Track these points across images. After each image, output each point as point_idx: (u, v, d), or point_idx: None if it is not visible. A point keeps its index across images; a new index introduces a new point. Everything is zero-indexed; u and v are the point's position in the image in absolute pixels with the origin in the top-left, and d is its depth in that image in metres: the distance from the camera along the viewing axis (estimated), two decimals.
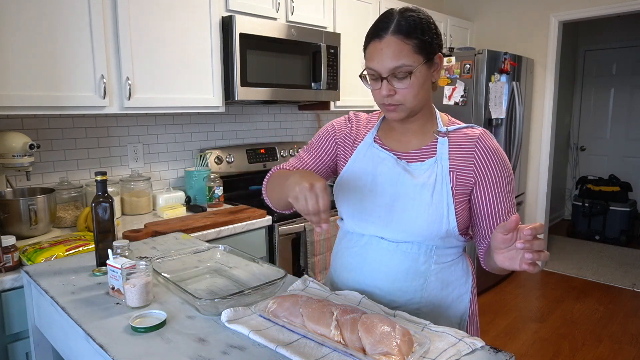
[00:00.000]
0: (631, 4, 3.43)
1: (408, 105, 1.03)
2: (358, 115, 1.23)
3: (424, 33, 0.99)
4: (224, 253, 1.33)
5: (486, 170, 1.06)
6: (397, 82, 1.00)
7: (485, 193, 1.06)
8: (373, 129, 1.16)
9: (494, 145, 1.08)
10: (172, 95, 2.05)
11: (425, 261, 1.09)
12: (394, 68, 0.98)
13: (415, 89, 1.01)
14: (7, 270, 1.41)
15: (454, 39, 3.87)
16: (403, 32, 0.98)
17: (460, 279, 1.14)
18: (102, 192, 1.24)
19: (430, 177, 1.05)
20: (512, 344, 2.82)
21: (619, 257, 4.39)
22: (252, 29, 2.23)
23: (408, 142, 1.11)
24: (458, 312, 1.14)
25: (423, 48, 0.99)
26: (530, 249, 0.80)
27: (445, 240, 1.08)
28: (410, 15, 0.99)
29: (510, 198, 1.08)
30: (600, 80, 5.41)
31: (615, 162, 5.38)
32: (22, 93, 1.63)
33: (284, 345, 0.83)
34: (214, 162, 2.54)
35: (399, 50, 0.97)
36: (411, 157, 1.10)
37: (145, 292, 1.02)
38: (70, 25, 1.72)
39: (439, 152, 1.07)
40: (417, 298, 1.10)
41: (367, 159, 1.13)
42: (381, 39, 0.99)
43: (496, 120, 3.40)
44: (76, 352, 1.02)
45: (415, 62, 0.98)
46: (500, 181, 1.06)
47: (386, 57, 0.98)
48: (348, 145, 1.18)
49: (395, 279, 1.09)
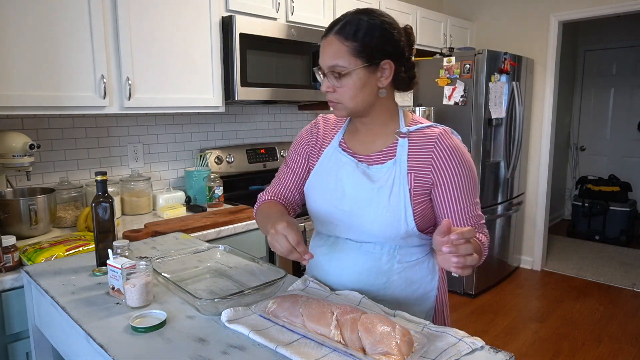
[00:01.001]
0: (631, 4, 3.43)
1: (346, 105, 1.05)
2: (326, 118, 1.25)
3: (369, 37, 1.00)
4: (224, 253, 1.33)
5: (445, 170, 1.05)
6: (334, 80, 1.03)
7: (445, 193, 1.06)
8: (339, 132, 1.19)
9: (454, 144, 1.07)
10: (172, 95, 2.05)
11: (388, 260, 1.11)
12: (330, 66, 1.02)
13: (352, 91, 1.03)
14: (7, 270, 1.41)
15: (454, 39, 3.87)
16: (344, 33, 1.00)
17: (425, 278, 1.15)
18: (102, 192, 1.24)
19: (388, 179, 1.06)
20: (512, 344, 2.82)
21: (619, 257, 4.39)
22: (252, 29, 2.23)
23: (372, 144, 1.13)
24: (423, 309, 1.16)
25: (363, 52, 1.00)
26: (456, 253, 0.81)
27: (408, 240, 1.10)
28: (361, 19, 1.01)
29: (472, 197, 1.08)
30: (600, 80, 5.41)
31: (615, 162, 5.38)
32: (22, 93, 1.63)
33: (284, 345, 0.83)
34: (214, 162, 2.54)
35: (336, 50, 1.01)
36: (372, 159, 1.11)
37: (145, 292, 1.02)
38: (71, 26, 1.72)
39: (398, 154, 1.08)
40: (381, 296, 1.12)
41: (332, 163, 1.15)
42: (326, 37, 1.04)
43: (496, 120, 3.40)
44: (76, 352, 1.02)
45: (352, 64, 1.00)
46: (460, 180, 1.05)
47: (325, 55, 1.03)
48: (316, 150, 1.22)
49: (359, 278, 1.12)
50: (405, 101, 3.47)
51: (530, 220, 4.08)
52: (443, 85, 3.43)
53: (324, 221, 1.16)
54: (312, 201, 1.18)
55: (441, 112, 3.45)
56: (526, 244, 4.13)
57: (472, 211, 1.07)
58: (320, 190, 1.15)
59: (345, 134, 1.18)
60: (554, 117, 3.94)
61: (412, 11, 3.37)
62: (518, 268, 4.14)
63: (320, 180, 1.16)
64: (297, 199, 1.26)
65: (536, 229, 4.06)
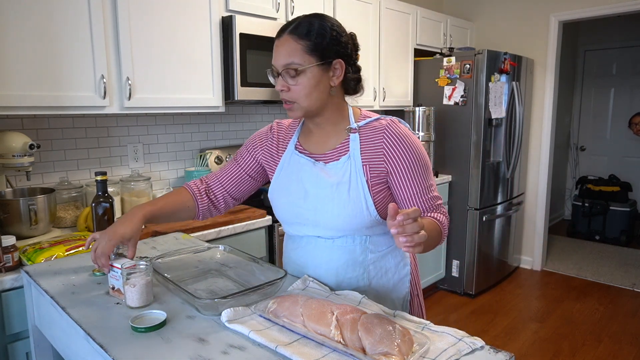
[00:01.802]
0: (631, 4, 3.43)
1: (301, 104, 1.08)
2: (281, 124, 1.28)
3: (321, 37, 1.05)
4: (224, 253, 1.33)
5: (396, 158, 1.10)
6: (289, 79, 1.06)
7: (400, 179, 1.11)
8: (294, 135, 1.22)
9: (402, 132, 1.12)
10: (172, 95, 2.05)
11: (362, 252, 1.16)
12: (285, 65, 1.05)
13: (307, 89, 1.06)
14: (7, 270, 1.41)
15: (454, 39, 3.87)
16: (298, 32, 1.05)
17: (398, 264, 1.22)
18: (102, 192, 1.24)
19: (345, 174, 1.11)
20: (512, 344, 2.82)
21: (619, 257, 4.39)
22: (252, 29, 2.23)
23: (325, 143, 1.17)
24: (400, 294, 1.22)
25: (316, 50, 1.05)
26: (403, 233, 0.84)
27: (375, 229, 1.15)
28: (312, 21, 1.07)
29: (425, 180, 1.13)
30: (600, 80, 5.41)
31: (615, 162, 5.38)
32: (22, 93, 1.63)
33: (284, 345, 0.83)
34: (214, 162, 2.54)
35: (291, 49, 1.05)
36: (328, 157, 1.16)
37: (145, 292, 1.02)
38: (71, 25, 1.72)
39: (351, 149, 1.12)
40: (362, 287, 1.18)
41: (291, 166, 1.19)
42: (279, 37, 1.08)
43: (496, 120, 3.40)
44: (76, 352, 1.02)
45: (306, 62, 1.04)
46: (412, 166, 1.11)
47: (280, 54, 1.06)
48: (273, 154, 1.25)
49: (338, 273, 1.17)
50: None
51: (530, 220, 4.08)
52: (443, 85, 3.43)
53: (291, 222, 1.21)
54: (278, 205, 1.22)
55: (441, 112, 3.45)
56: (526, 244, 4.13)
57: (427, 193, 1.13)
58: (283, 194, 1.19)
59: (300, 136, 1.22)
60: (554, 117, 3.94)
61: (412, 11, 3.37)
62: (518, 268, 4.14)
63: (283, 184, 1.20)
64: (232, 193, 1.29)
65: (536, 229, 4.07)
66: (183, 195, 1.26)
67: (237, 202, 1.33)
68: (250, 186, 1.30)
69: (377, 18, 3.07)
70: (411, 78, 3.48)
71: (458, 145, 3.43)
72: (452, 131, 3.43)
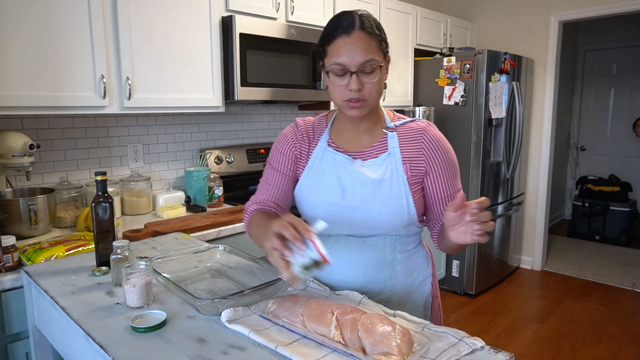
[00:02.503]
0: (631, 4, 3.43)
1: (371, 101, 1.07)
2: (305, 120, 1.24)
3: (382, 32, 1.06)
4: (224, 253, 1.33)
5: (434, 159, 1.13)
6: (364, 76, 1.03)
7: (435, 181, 1.13)
8: (325, 132, 1.19)
9: (439, 135, 1.15)
10: (172, 95, 2.05)
11: (391, 252, 1.16)
12: (363, 62, 1.01)
13: (379, 85, 1.06)
14: (7, 270, 1.41)
15: (454, 39, 3.87)
16: (367, 28, 1.03)
17: (422, 265, 1.22)
18: (102, 192, 1.24)
19: (386, 171, 1.10)
20: (512, 344, 2.82)
21: (619, 257, 4.39)
22: (252, 29, 2.23)
23: (360, 141, 1.16)
24: (423, 295, 1.22)
25: (383, 45, 1.06)
26: (478, 221, 0.87)
27: (407, 229, 1.15)
28: (367, 15, 1.06)
29: (456, 182, 1.17)
30: (600, 80, 5.41)
31: (615, 162, 5.38)
32: (22, 93, 1.63)
33: (284, 345, 0.83)
34: (214, 162, 2.54)
35: (368, 45, 1.02)
36: (365, 155, 1.14)
37: (145, 292, 1.02)
38: (70, 25, 1.72)
39: (391, 147, 1.12)
40: (387, 287, 1.16)
41: (325, 163, 1.15)
42: (349, 34, 1.02)
43: (496, 120, 3.40)
44: (76, 352, 1.02)
45: (380, 57, 1.04)
46: (447, 168, 1.14)
47: (356, 52, 1.01)
48: (304, 151, 1.20)
49: (366, 272, 1.15)
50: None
51: (530, 220, 4.08)
52: (443, 85, 3.43)
53: (325, 221, 1.14)
54: (309, 203, 1.17)
55: (441, 112, 3.45)
56: (526, 244, 4.13)
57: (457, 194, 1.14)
58: (317, 191, 1.15)
59: (331, 133, 1.20)
60: (554, 117, 3.94)
61: (412, 11, 3.36)
62: (518, 268, 4.14)
63: (316, 182, 1.16)
64: (288, 201, 1.22)
65: (536, 229, 4.06)
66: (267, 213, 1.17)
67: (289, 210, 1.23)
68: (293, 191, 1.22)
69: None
70: (411, 78, 3.48)
71: (458, 146, 3.43)
72: (452, 131, 3.43)
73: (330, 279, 1.18)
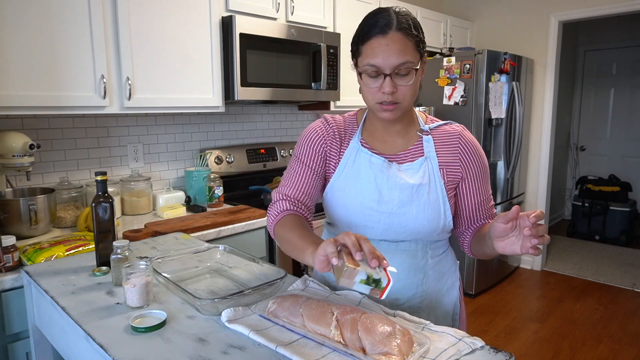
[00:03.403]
0: (631, 4, 3.43)
1: (405, 104, 1.02)
2: (335, 118, 1.18)
3: (420, 32, 1.00)
4: (224, 253, 1.33)
5: (470, 165, 1.11)
6: (399, 79, 0.98)
7: (470, 186, 1.12)
8: (357, 132, 1.13)
9: (474, 140, 1.13)
10: (172, 95, 2.05)
11: (423, 256, 1.13)
12: (398, 65, 0.96)
13: (414, 87, 1.01)
14: (7, 270, 1.41)
15: (454, 39, 3.86)
16: (405, 28, 0.97)
17: (451, 268, 1.21)
18: (102, 192, 1.24)
19: (424, 176, 1.08)
20: (512, 344, 2.82)
21: (619, 257, 4.39)
22: (252, 29, 2.23)
23: (393, 143, 1.12)
24: (452, 300, 1.20)
25: (420, 46, 1.00)
26: (536, 235, 0.85)
27: (440, 234, 1.13)
28: (406, 14, 1.00)
29: (488, 187, 1.16)
30: (600, 80, 5.41)
31: (615, 162, 5.38)
32: (22, 93, 1.63)
33: (284, 345, 0.83)
34: (214, 162, 2.54)
35: (404, 47, 0.97)
36: (401, 158, 1.11)
37: (145, 292, 1.02)
38: (71, 25, 1.72)
39: (427, 151, 1.10)
40: (419, 293, 1.14)
41: (358, 164, 1.10)
42: (385, 35, 0.96)
43: (496, 120, 3.40)
44: (76, 352, 1.02)
45: (416, 59, 0.99)
46: (481, 173, 1.12)
47: (391, 53, 0.96)
48: (335, 150, 1.13)
49: (399, 278, 1.11)
50: None
51: None
52: (443, 85, 3.43)
53: (356, 224, 1.10)
54: (341, 205, 1.11)
55: (441, 112, 3.45)
56: None
57: (488, 203, 1.15)
58: (351, 193, 1.09)
59: (363, 133, 1.14)
60: (554, 117, 3.94)
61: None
62: (518, 268, 4.14)
63: (350, 183, 1.10)
64: (315, 198, 1.16)
65: None
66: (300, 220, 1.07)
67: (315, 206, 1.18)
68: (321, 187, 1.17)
69: None
70: None
71: None
72: None
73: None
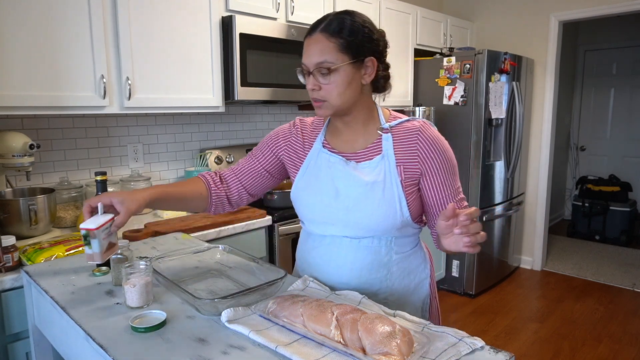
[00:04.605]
0: (631, 4, 3.43)
1: (332, 103, 1.06)
2: (304, 121, 1.26)
3: (353, 35, 1.04)
4: (224, 253, 1.33)
5: (430, 160, 1.11)
6: (321, 77, 1.05)
7: (432, 181, 1.12)
8: (320, 133, 1.20)
9: (435, 135, 1.13)
10: (172, 95, 2.05)
11: (387, 253, 1.15)
12: (318, 63, 1.03)
13: (340, 87, 1.05)
14: (7, 270, 1.41)
15: (454, 39, 3.86)
16: (330, 31, 1.03)
17: (419, 266, 1.22)
18: (102, 192, 1.24)
19: (379, 174, 1.10)
20: (512, 344, 2.82)
21: (619, 257, 4.39)
22: (252, 29, 2.23)
23: (355, 142, 1.16)
24: (420, 297, 1.22)
25: (349, 48, 1.03)
26: (468, 233, 0.86)
27: (402, 230, 1.15)
28: (344, 18, 1.05)
29: (454, 182, 1.15)
30: (600, 80, 5.41)
31: (615, 162, 5.38)
32: (22, 93, 1.63)
33: (284, 345, 0.83)
34: (214, 162, 2.54)
35: (323, 47, 1.03)
36: (359, 156, 1.14)
37: (145, 292, 1.02)
38: (71, 25, 1.72)
39: (385, 149, 1.12)
40: (383, 289, 1.17)
41: (319, 164, 1.16)
42: (311, 36, 1.06)
43: (496, 120, 3.40)
44: (76, 352, 1.02)
45: (339, 60, 1.03)
46: (444, 168, 1.12)
47: (312, 53, 1.04)
48: (297, 151, 1.22)
49: (361, 274, 1.15)
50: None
51: (530, 220, 4.08)
52: (443, 85, 3.43)
53: (319, 222, 1.18)
54: (304, 204, 1.19)
55: (441, 112, 3.45)
56: (526, 244, 4.13)
57: (456, 196, 1.15)
58: (312, 192, 1.17)
59: (327, 134, 1.20)
60: (554, 117, 3.94)
61: (412, 11, 3.36)
62: (518, 268, 4.14)
63: (310, 183, 1.17)
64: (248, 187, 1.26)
65: (536, 229, 4.06)
66: (197, 183, 1.22)
67: (252, 198, 1.29)
68: (267, 182, 1.27)
69: (377, 18, 3.07)
70: (411, 78, 3.48)
71: (458, 145, 3.43)
72: (452, 131, 3.43)
73: (326, 280, 1.18)
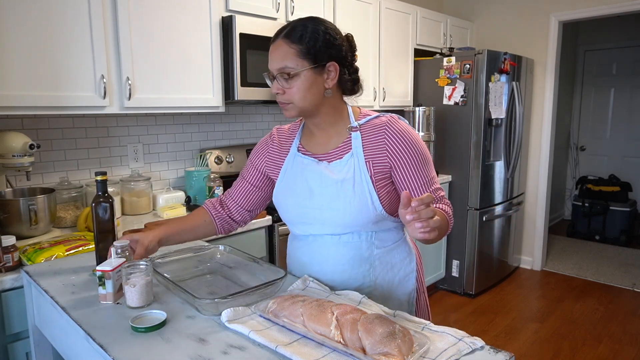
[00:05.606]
0: (631, 4, 3.43)
1: (298, 105, 1.11)
2: (281, 129, 1.32)
3: (314, 41, 1.08)
4: (224, 253, 1.33)
5: (398, 153, 1.13)
6: (283, 82, 1.09)
7: (403, 174, 1.14)
8: (295, 138, 1.25)
9: (402, 127, 1.14)
10: (172, 95, 2.05)
11: (368, 247, 1.18)
12: (279, 69, 1.09)
13: (301, 91, 1.09)
14: (7, 270, 1.41)
15: (454, 39, 3.87)
16: (291, 37, 1.08)
17: (404, 260, 1.24)
18: (102, 192, 1.24)
19: (349, 171, 1.13)
20: (512, 344, 2.82)
21: (619, 257, 4.39)
22: (252, 29, 2.23)
23: (327, 144, 1.20)
24: (406, 291, 1.24)
25: (309, 54, 1.07)
26: (419, 218, 0.86)
27: (381, 224, 1.17)
28: (306, 24, 1.09)
29: (427, 173, 1.15)
30: (600, 80, 5.41)
31: (615, 162, 5.38)
32: (22, 93, 1.63)
33: (284, 345, 0.83)
34: (214, 162, 2.54)
35: (284, 53, 1.08)
36: (331, 156, 1.18)
37: (145, 292, 1.02)
38: (71, 25, 1.72)
39: (354, 146, 1.15)
40: (367, 283, 1.19)
41: (295, 168, 1.21)
42: (274, 42, 1.11)
43: (496, 120, 3.40)
44: (76, 352, 1.02)
45: (299, 65, 1.07)
46: (414, 160, 1.13)
47: (274, 59, 1.10)
48: (275, 160, 1.27)
49: (343, 269, 1.18)
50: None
51: (530, 220, 4.08)
52: (443, 85, 3.43)
53: (298, 222, 1.23)
54: (283, 206, 1.24)
55: (441, 112, 3.45)
56: (526, 244, 4.13)
57: (430, 186, 1.15)
58: (288, 195, 1.21)
59: (302, 139, 1.25)
60: (554, 117, 3.94)
61: (412, 11, 3.37)
62: (518, 268, 4.14)
63: (287, 186, 1.22)
64: (247, 206, 1.34)
65: (536, 229, 4.07)
66: (200, 212, 1.32)
67: (252, 214, 1.37)
68: (259, 197, 1.33)
69: (377, 18, 3.07)
70: (411, 78, 3.48)
71: (458, 145, 3.43)
72: (452, 131, 3.43)
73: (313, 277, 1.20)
